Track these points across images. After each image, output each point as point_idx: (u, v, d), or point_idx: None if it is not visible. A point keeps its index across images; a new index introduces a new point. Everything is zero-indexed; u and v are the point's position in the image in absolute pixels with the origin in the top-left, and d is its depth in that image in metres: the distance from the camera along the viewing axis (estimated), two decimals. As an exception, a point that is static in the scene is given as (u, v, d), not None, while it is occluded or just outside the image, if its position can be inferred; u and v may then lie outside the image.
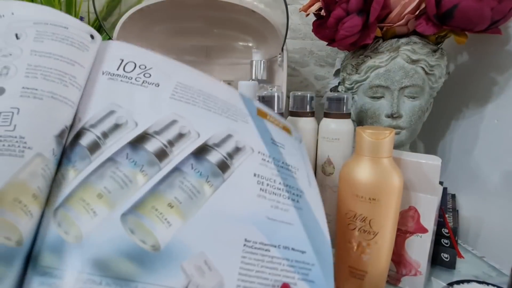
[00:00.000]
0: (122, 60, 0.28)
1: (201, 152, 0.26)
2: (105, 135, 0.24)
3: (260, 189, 0.26)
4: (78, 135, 0.24)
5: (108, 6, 0.63)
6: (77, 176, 0.22)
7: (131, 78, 0.27)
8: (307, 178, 0.30)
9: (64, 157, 0.23)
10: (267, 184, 0.26)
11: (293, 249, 0.24)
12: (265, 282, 0.23)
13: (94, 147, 0.23)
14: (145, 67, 0.28)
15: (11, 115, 0.20)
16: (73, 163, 0.23)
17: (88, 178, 0.22)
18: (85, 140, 0.24)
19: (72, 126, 0.24)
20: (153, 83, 0.28)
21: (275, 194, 0.26)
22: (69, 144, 0.24)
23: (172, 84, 0.28)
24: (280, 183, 0.27)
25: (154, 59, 0.29)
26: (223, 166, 0.26)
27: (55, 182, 0.22)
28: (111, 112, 0.25)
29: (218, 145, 0.27)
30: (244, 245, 0.23)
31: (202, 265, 0.21)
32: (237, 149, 0.27)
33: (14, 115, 0.20)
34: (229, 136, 0.28)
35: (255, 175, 0.26)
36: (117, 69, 0.27)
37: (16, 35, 0.24)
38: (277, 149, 0.30)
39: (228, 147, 0.27)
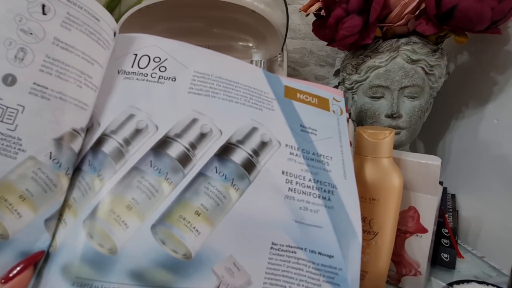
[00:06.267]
0: (136, 55, 0.27)
1: (224, 152, 0.25)
2: (127, 141, 0.24)
3: (289, 188, 0.25)
4: (100, 141, 0.23)
5: (108, 6, 0.63)
6: (103, 187, 0.22)
7: (147, 74, 0.26)
8: (342, 167, 0.28)
9: (86, 164, 0.23)
10: (296, 183, 0.25)
11: (320, 253, 0.24)
12: (291, 280, 0.23)
13: (118, 155, 0.23)
14: (160, 60, 0.27)
15: (15, 113, 0.20)
16: (98, 172, 0.22)
17: (115, 189, 0.22)
18: (108, 148, 0.23)
19: (89, 130, 0.24)
20: (169, 78, 0.27)
21: (305, 194, 0.25)
22: (90, 150, 0.23)
23: (189, 76, 0.27)
24: (310, 180, 0.26)
25: (168, 47, 0.28)
26: (249, 166, 0.25)
27: (81, 191, 0.22)
28: (131, 116, 0.25)
29: (242, 141, 0.26)
30: (271, 248, 0.23)
31: (231, 267, 0.22)
32: (263, 144, 0.26)
33: (19, 113, 0.20)
34: (253, 130, 0.26)
35: (283, 172, 0.25)
36: (132, 66, 0.26)
37: (43, 8, 0.20)
38: (308, 137, 0.28)
39: (253, 142, 0.26)
